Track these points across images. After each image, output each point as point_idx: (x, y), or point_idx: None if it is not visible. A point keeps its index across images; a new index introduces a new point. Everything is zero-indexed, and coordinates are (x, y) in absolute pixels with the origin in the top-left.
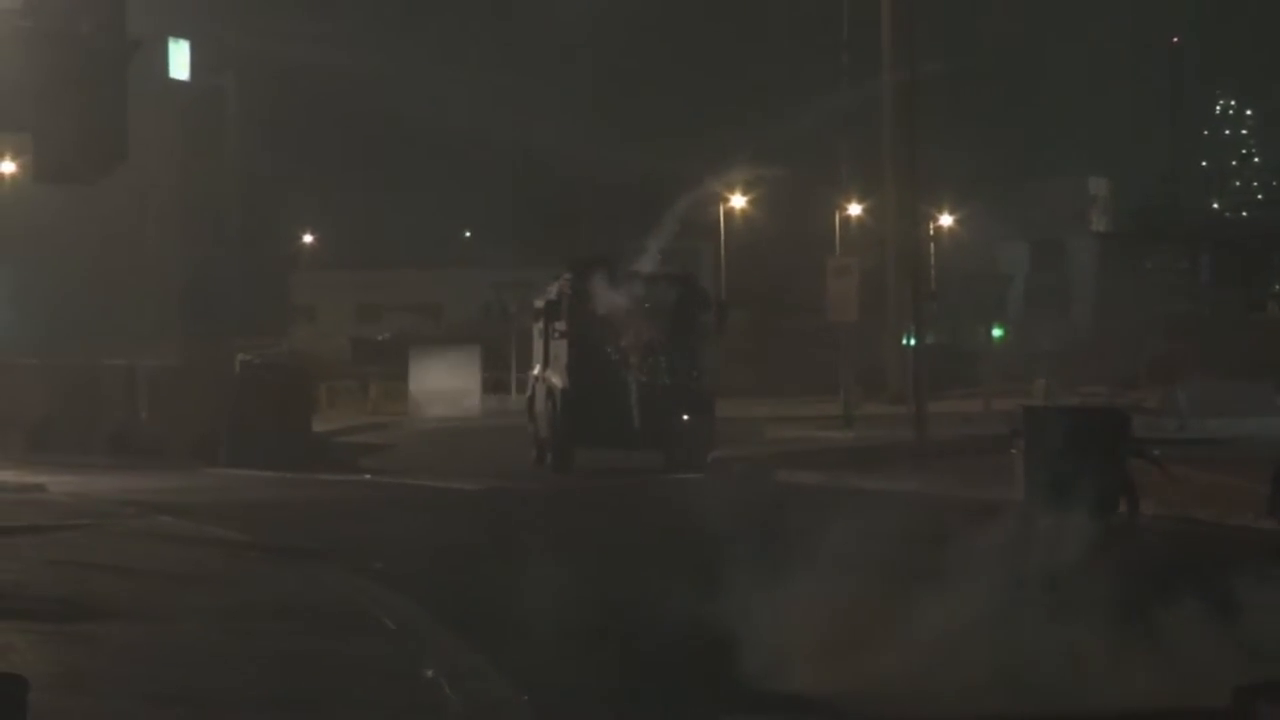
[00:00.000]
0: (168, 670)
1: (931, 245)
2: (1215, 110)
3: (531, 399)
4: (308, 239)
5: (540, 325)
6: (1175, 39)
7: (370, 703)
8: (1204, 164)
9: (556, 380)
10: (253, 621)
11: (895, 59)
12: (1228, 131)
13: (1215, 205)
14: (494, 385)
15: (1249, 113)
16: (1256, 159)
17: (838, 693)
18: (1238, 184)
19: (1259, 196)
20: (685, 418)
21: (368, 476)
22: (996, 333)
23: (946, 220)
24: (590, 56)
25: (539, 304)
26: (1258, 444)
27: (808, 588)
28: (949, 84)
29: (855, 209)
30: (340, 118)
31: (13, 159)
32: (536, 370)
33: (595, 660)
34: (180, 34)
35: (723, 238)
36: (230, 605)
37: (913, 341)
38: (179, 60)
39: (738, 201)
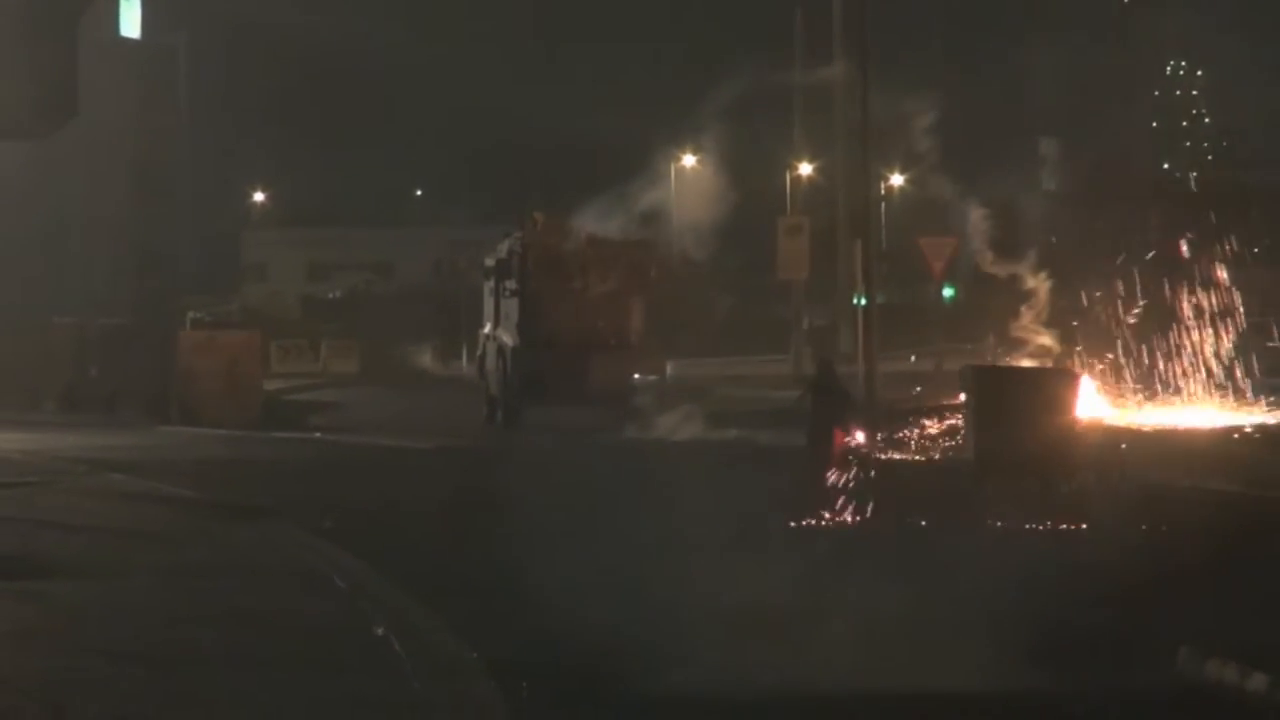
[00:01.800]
0: (120, 628)
1: (883, 205)
2: (1165, 71)
3: (482, 357)
4: (259, 197)
5: (491, 284)
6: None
7: (321, 660)
8: (1154, 125)
9: (507, 338)
10: (205, 579)
11: (846, 17)
12: (1178, 92)
13: (1166, 165)
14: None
15: (1199, 73)
16: (1207, 120)
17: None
18: (1188, 144)
19: (1209, 158)
20: (636, 377)
21: (318, 435)
22: (948, 292)
23: (898, 180)
24: (542, 13)
25: (490, 262)
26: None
27: (753, 555)
28: (901, 49)
29: (807, 168)
30: (292, 76)
31: None
32: (487, 328)
33: (544, 618)
34: None
35: (673, 196)
36: (182, 563)
37: (863, 301)
38: (130, 18)
39: (688, 160)
